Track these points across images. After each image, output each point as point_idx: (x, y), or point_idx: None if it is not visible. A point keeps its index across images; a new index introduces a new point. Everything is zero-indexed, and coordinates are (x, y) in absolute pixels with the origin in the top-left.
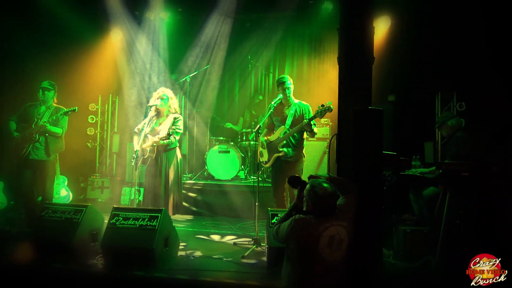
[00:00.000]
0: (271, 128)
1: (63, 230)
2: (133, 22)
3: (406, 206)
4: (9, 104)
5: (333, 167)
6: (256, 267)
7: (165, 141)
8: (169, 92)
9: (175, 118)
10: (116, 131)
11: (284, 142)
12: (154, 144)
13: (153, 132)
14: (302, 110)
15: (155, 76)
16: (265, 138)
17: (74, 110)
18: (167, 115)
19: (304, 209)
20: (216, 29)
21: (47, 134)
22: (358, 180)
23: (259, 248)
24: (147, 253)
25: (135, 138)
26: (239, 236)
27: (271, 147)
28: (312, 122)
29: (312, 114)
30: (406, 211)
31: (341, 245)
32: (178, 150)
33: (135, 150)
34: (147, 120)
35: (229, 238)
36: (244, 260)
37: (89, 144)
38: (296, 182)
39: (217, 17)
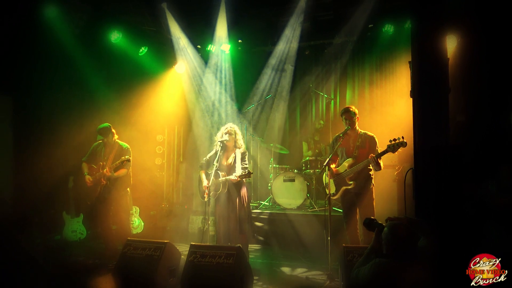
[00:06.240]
0: (333, 159)
1: (145, 267)
2: (196, 55)
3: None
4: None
5: (408, 202)
6: None
7: (243, 178)
8: (235, 128)
9: (242, 154)
10: (182, 160)
11: (352, 174)
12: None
13: (221, 167)
14: (369, 141)
15: (219, 107)
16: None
17: (128, 161)
18: (233, 150)
19: (384, 251)
20: (277, 57)
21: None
22: (439, 219)
23: (332, 283)
24: None
25: (202, 173)
26: (309, 268)
27: (339, 179)
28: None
29: (378, 143)
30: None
31: None
32: (244, 182)
33: (207, 185)
34: (214, 154)
35: (300, 271)
36: None
37: (157, 174)
38: (372, 225)
39: (280, 45)
